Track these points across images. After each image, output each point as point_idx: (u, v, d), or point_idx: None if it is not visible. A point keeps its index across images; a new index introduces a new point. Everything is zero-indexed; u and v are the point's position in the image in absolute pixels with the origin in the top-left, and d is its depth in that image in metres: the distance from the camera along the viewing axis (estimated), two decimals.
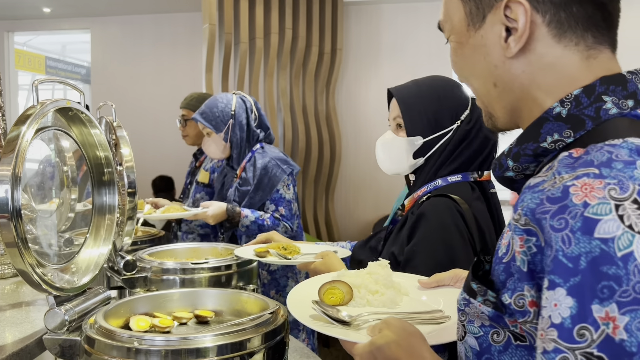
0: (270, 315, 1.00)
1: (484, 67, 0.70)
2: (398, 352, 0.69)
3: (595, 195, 0.52)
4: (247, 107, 2.32)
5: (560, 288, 0.51)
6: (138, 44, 5.23)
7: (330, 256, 1.34)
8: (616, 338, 0.48)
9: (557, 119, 0.64)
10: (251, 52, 4.14)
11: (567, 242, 0.52)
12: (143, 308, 1.11)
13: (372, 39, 4.78)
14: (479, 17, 0.69)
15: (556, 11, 0.64)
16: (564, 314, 0.51)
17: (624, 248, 0.49)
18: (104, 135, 1.15)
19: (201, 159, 2.84)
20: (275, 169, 2.25)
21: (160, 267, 1.45)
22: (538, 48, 0.66)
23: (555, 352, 0.51)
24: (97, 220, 1.19)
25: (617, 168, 0.54)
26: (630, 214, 0.50)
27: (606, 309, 0.49)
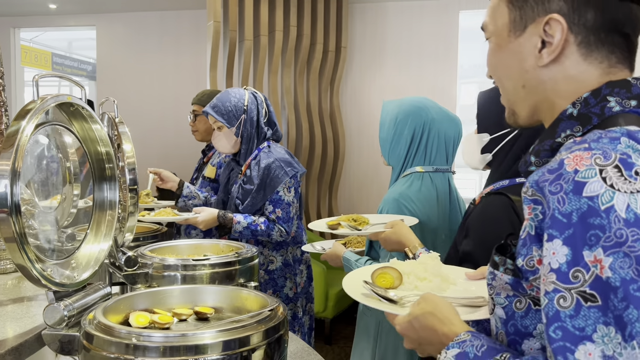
0: (270, 313, 1.00)
1: (517, 70, 0.80)
2: (432, 320, 0.81)
3: (584, 163, 0.62)
4: (258, 103, 2.32)
5: (557, 239, 0.62)
6: (143, 41, 5.24)
7: (400, 225, 1.43)
8: (603, 276, 0.58)
9: (569, 118, 0.75)
10: (255, 49, 4.13)
11: (561, 202, 0.62)
12: (143, 304, 1.10)
13: (376, 37, 4.76)
14: (521, 26, 0.79)
15: (587, 34, 0.74)
16: (560, 260, 0.61)
17: (606, 202, 0.60)
18: (105, 130, 1.14)
19: (209, 154, 2.84)
20: (278, 170, 2.25)
21: (162, 263, 1.45)
22: (566, 62, 0.76)
23: (555, 292, 0.61)
24: (97, 216, 1.19)
25: (603, 142, 0.65)
26: (611, 175, 0.61)
27: (594, 253, 0.59)
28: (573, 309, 0.60)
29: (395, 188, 1.72)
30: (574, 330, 0.59)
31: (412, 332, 0.84)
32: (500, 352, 0.71)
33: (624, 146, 0.64)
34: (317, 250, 1.93)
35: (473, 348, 0.73)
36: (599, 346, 0.58)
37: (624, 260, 0.58)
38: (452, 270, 1.14)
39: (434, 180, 1.71)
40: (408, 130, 1.71)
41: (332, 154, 4.58)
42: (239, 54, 4.10)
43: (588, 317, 0.59)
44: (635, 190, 0.60)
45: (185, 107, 5.08)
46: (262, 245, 2.34)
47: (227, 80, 4.00)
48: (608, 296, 0.58)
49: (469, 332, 0.77)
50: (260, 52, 4.09)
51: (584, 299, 0.59)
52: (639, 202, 0.60)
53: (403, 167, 1.74)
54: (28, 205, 1.22)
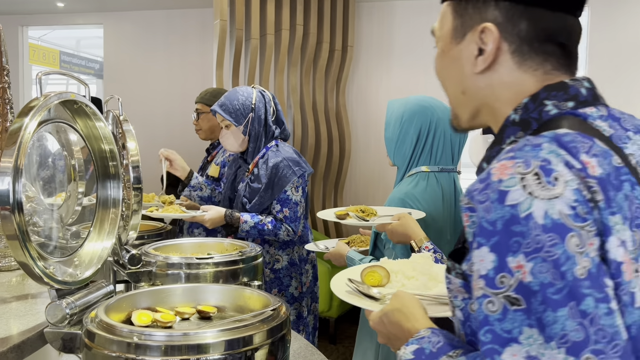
0: (272, 312, 0.99)
1: (457, 76, 0.83)
2: (399, 316, 0.85)
3: (507, 172, 0.65)
4: (266, 102, 2.31)
5: (484, 247, 0.64)
6: (150, 40, 5.25)
7: (406, 217, 1.46)
8: (525, 281, 0.61)
9: (512, 124, 0.78)
10: (262, 48, 4.13)
11: (487, 210, 0.64)
12: (145, 302, 1.10)
13: (383, 37, 4.75)
14: (461, 33, 0.81)
15: (521, 44, 0.77)
16: (488, 266, 0.64)
17: (525, 210, 0.62)
18: (108, 128, 1.14)
19: (213, 153, 2.84)
20: (286, 169, 2.24)
21: (165, 261, 1.45)
22: (500, 70, 0.78)
23: (484, 297, 0.64)
24: (101, 213, 1.19)
25: (525, 150, 0.67)
26: (531, 183, 0.63)
27: (517, 259, 0.62)
28: (500, 313, 0.62)
29: (400, 187, 1.71)
30: (502, 333, 0.62)
31: (382, 327, 0.88)
32: (454, 349, 0.74)
33: (546, 152, 0.66)
34: (320, 249, 1.93)
35: (430, 344, 0.76)
36: (524, 347, 0.60)
37: (543, 265, 0.60)
38: (441, 269, 1.14)
39: (439, 180, 1.70)
40: (414, 129, 1.70)
41: (338, 153, 4.57)
42: (245, 53, 4.10)
43: (514, 320, 0.61)
44: (552, 197, 0.62)
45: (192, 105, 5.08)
46: (269, 244, 2.33)
47: (234, 79, 4.00)
48: (530, 300, 0.61)
49: (429, 329, 0.80)
50: (266, 51, 4.08)
51: (510, 303, 0.62)
52: (556, 208, 0.62)
53: (408, 166, 1.73)
54: (33, 203, 1.22)
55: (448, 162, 1.73)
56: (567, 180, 0.63)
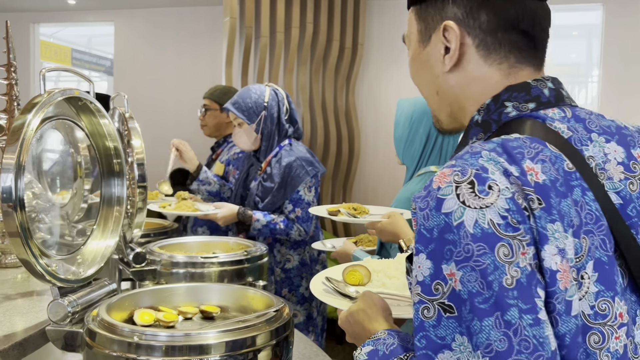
0: (275, 313, 0.98)
1: (429, 78, 0.84)
2: (362, 316, 0.86)
3: (445, 180, 0.65)
4: (279, 100, 2.30)
5: (422, 253, 0.65)
6: (160, 37, 5.25)
7: (396, 216, 1.47)
8: (456, 289, 0.61)
9: (476, 125, 0.78)
10: (271, 46, 4.12)
11: (426, 218, 0.65)
12: (148, 301, 1.09)
13: (394, 35, 4.72)
14: (426, 36, 0.82)
15: (484, 36, 0.77)
16: (425, 273, 0.64)
17: (458, 219, 0.62)
18: (112, 125, 1.13)
19: (218, 151, 2.85)
20: (299, 169, 2.23)
21: (170, 260, 1.44)
22: (468, 66, 0.79)
23: (420, 303, 0.65)
24: (105, 211, 1.18)
25: (464, 158, 0.67)
26: (464, 192, 0.63)
27: (450, 267, 0.62)
28: (435, 319, 0.63)
29: (408, 187, 1.70)
30: (436, 339, 0.63)
31: (348, 326, 0.89)
32: (406, 352, 0.74)
33: (485, 159, 0.66)
34: (327, 248, 1.93)
35: (384, 346, 0.77)
36: (456, 354, 0.61)
37: (471, 274, 0.61)
38: None
39: None
40: (423, 129, 1.69)
41: (347, 153, 4.55)
42: (255, 51, 4.09)
43: (447, 327, 0.62)
44: (484, 206, 0.62)
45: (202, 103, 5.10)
46: (280, 244, 2.32)
47: (243, 77, 3.99)
48: (460, 308, 0.61)
49: (386, 331, 0.80)
50: (276, 49, 4.07)
51: (444, 309, 0.63)
52: (487, 217, 0.61)
53: (417, 166, 1.72)
54: (39, 200, 1.21)
55: None
56: (501, 189, 0.63)
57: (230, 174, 2.65)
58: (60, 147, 1.21)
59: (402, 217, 1.46)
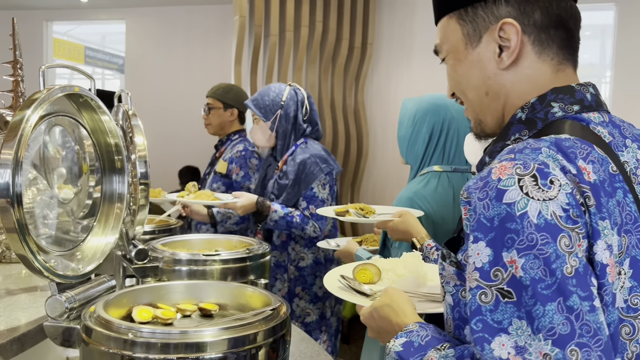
0: (272, 312, 0.98)
1: (479, 79, 0.85)
2: (389, 311, 0.89)
3: (506, 173, 0.69)
4: (298, 100, 2.33)
5: (481, 241, 0.68)
6: (171, 35, 5.28)
7: (408, 215, 1.46)
8: (517, 276, 0.65)
9: (519, 122, 0.81)
10: (281, 45, 4.12)
11: (486, 207, 0.68)
12: (146, 298, 1.09)
13: (404, 34, 4.69)
14: (476, 37, 0.84)
15: (539, 33, 0.81)
16: (483, 260, 0.67)
17: (521, 209, 0.66)
18: (113, 122, 1.14)
19: (221, 149, 2.86)
20: (313, 166, 2.25)
21: (172, 257, 1.44)
22: (524, 62, 0.82)
23: (477, 288, 0.67)
24: (106, 208, 1.19)
25: (525, 153, 0.71)
26: (527, 184, 0.67)
27: (510, 255, 0.65)
28: (493, 304, 0.66)
29: (410, 186, 1.69)
30: (493, 323, 0.66)
31: (372, 321, 0.92)
32: (441, 342, 0.77)
33: (545, 156, 0.70)
34: (332, 246, 1.93)
35: (418, 337, 0.80)
36: (512, 337, 0.64)
37: (534, 262, 0.64)
38: (431, 268, 1.19)
39: (451, 180, 1.67)
40: (426, 128, 1.68)
41: (355, 152, 4.54)
42: (264, 49, 4.09)
43: (505, 312, 0.65)
44: (547, 198, 0.66)
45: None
46: (294, 242, 2.34)
47: (252, 76, 3.99)
48: (521, 293, 0.64)
49: (417, 323, 0.83)
50: (285, 48, 4.07)
51: (502, 295, 0.66)
52: (550, 209, 0.65)
53: (420, 165, 1.71)
54: (44, 196, 1.22)
55: (462, 162, 1.69)
56: (562, 184, 0.67)
57: (233, 171, 2.69)
58: (66, 144, 1.22)
59: (413, 215, 1.46)
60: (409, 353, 0.79)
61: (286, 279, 2.32)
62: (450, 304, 0.82)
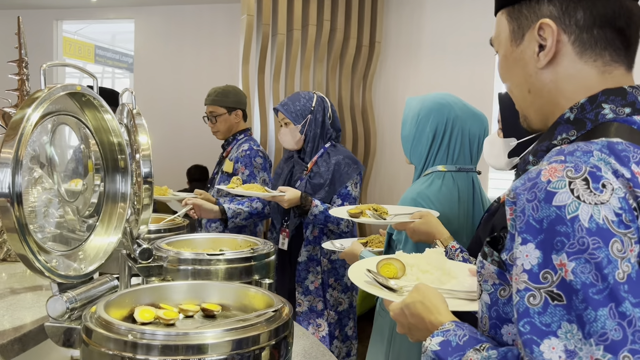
0: (274, 313, 0.97)
1: (522, 76, 0.86)
2: (421, 308, 0.87)
3: (557, 175, 0.68)
4: (325, 106, 2.51)
5: (530, 243, 0.67)
6: (179, 34, 5.29)
7: (429, 216, 1.42)
8: (567, 279, 0.64)
9: (566, 122, 0.80)
10: (288, 43, 4.10)
11: (535, 209, 0.67)
12: (149, 299, 1.08)
13: (412, 33, 4.67)
14: (519, 35, 0.85)
15: (580, 33, 0.79)
16: (532, 262, 0.67)
17: (572, 212, 0.65)
18: (116, 121, 1.13)
19: (228, 149, 2.87)
20: (347, 167, 2.44)
21: (177, 257, 1.43)
22: (563, 62, 0.81)
23: (526, 290, 0.67)
24: (109, 207, 1.18)
25: (576, 156, 0.70)
26: (578, 188, 0.66)
27: (560, 258, 0.65)
28: (541, 307, 0.65)
29: (414, 187, 1.67)
30: (541, 326, 0.65)
31: (403, 318, 0.91)
32: (480, 342, 0.77)
33: (596, 159, 0.69)
34: (337, 247, 1.91)
35: (456, 337, 0.79)
36: (562, 341, 0.63)
37: (585, 266, 0.63)
38: (454, 265, 1.18)
39: (456, 180, 1.65)
40: (430, 127, 1.66)
41: (363, 151, 4.52)
42: (272, 48, 4.08)
43: (554, 315, 0.65)
44: (599, 202, 0.65)
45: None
46: (326, 237, 2.48)
47: (259, 75, 3.99)
48: (571, 297, 0.64)
49: (453, 322, 0.82)
50: (292, 47, 4.06)
51: (552, 297, 0.65)
52: (602, 213, 0.64)
53: (425, 165, 1.69)
54: (49, 195, 1.22)
55: (466, 161, 1.67)
56: (615, 188, 0.66)
57: (239, 170, 2.72)
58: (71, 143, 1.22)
59: (434, 216, 1.42)
60: (447, 353, 0.78)
61: (319, 271, 2.45)
62: (487, 302, 0.81)
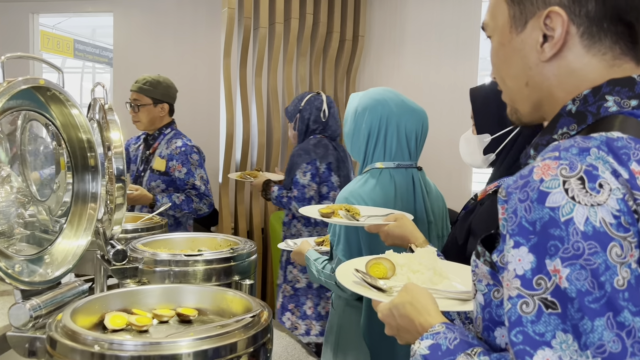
0: (252, 319, 0.92)
1: (520, 67, 0.78)
2: (410, 309, 0.83)
3: (550, 173, 0.63)
4: (315, 106, 2.79)
5: (523, 246, 0.63)
6: (159, 27, 5.17)
7: (404, 219, 1.39)
8: (562, 286, 0.59)
9: (568, 114, 0.74)
10: (270, 37, 4.04)
11: (527, 210, 0.63)
12: (120, 304, 1.03)
13: (396, 27, 4.63)
14: (521, 21, 0.77)
15: (590, 25, 0.73)
16: (525, 267, 0.62)
17: (566, 214, 0.60)
18: (84, 116, 1.07)
19: (154, 145, 2.73)
20: (298, 157, 2.68)
21: (153, 258, 1.38)
22: (569, 56, 0.74)
23: (518, 297, 0.62)
24: (79, 208, 1.12)
25: (572, 153, 0.65)
26: (573, 187, 0.61)
27: (554, 263, 0.60)
28: (535, 315, 0.61)
29: (348, 186, 1.66)
30: (534, 335, 0.61)
31: (391, 319, 0.86)
32: (472, 347, 0.73)
33: (593, 157, 0.64)
34: (291, 247, 1.91)
35: (446, 340, 0.75)
36: (556, 352, 0.59)
37: (580, 273, 0.59)
38: (446, 265, 1.15)
39: (393, 177, 1.63)
40: (365, 124, 1.65)
41: None
42: (254, 42, 4.01)
43: (548, 324, 0.60)
44: (595, 203, 0.60)
45: (202, 92, 5.01)
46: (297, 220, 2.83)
47: (241, 69, 3.92)
48: (566, 305, 0.59)
49: (443, 324, 0.78)
50: (275, 40, 3.99)
51: (545, 305, 0.61)
52: (599, 216, 0.60)
53: (364, 162, 1.68)
54: (19, 194, 1.15)
55: (405, 157, 1.65)
56: (612, 188, 0.61)
57: (176, 168, 2.64)
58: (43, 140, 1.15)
59: (409, 220, 1.38)
60: (436, 357, 0.74)
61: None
62: (481, 303, 0.77)
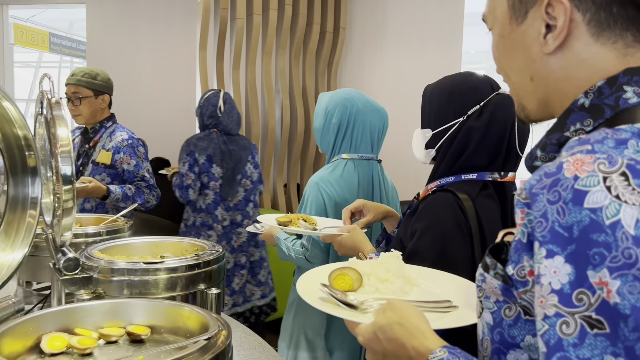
0: (207, 341, 0.81)
1: (523, 61, 0.73)
2: (400, 331, 0.72)
3: (585, 169, 0.55)
4: (210, 103, 2.96)
5: (558, 256, 0.55)
6: (134, 19, 5.01)
7: (356, 230, 1.44)
8: (611, 302, 0.51)
9: (581, 109, 0.67)
10: (248, 29, 3.91)
11: (561, 213, 0.55)
12: (61, 323, 0.91)
13: (377, 19, 4.52)
14: (521, 12, 0.71)
15: (597, 11, 0.66)
16: (562, 280, 0.54)
17: (611, 216, 0.52)
18: (18, 110, 0.94)
19: (95, 138, 2.65)
20: (182, 149, 2.94)
21: (109, 266, 1.26)
22: (575, 45, 0.67)
23: (557, 316, 0.54)
24: (16, 216, 1.00)
25: (608, 145, 0.58)
26: (617, 184, 0.53)
27: (599, 274, 0.52)
28: (577, 337, 0.53)
29: (319, 172, 1.87)
30: None
31: (376, 344, 0.75)
32: None
33: (632, 151, 0.57)
34: (259, 230, 1.96)
35: None
36: None
37: (634, 285, 0.51)
38: (413, 270, 1.06)
39: (357, 167, 1.86)
40: (335, 120, 1.87)
41: None
42: (231, 34, 3.88)
43: (594, 347, 0.52)
44: None
45: (178, 86, 4.86)
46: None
47: (218, 62, 3.79)
48: (617, 324, 0.51)
49: (444, 349, 0.68)
50: (253, 32, 3.86)
51: (590, 325, 0.52)
52: None
53: (332, 153, 1.91)
54: None
55: (367, 150, 1.90)
56: None
57: (123, 160, 2.59)
58: None
59: (361, 231, 1.46)
60: None
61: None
62: (489, 322, 0.69)
